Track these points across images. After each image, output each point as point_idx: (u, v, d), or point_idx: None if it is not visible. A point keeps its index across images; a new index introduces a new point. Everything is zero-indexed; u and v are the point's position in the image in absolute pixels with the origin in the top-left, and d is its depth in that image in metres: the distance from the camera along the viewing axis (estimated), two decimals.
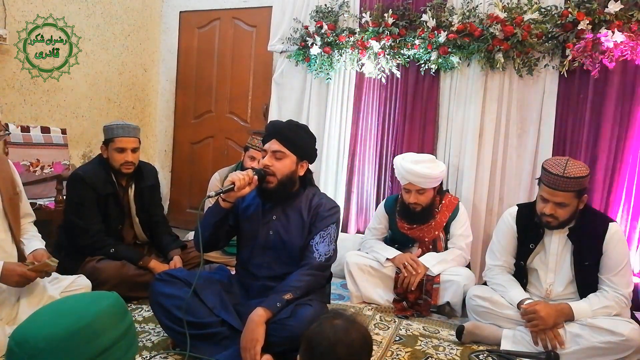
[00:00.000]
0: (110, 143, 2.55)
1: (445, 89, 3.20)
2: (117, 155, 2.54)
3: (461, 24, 2.97)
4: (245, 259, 2.07)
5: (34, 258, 1.96)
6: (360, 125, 3.46)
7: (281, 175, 1.97)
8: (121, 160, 2.54)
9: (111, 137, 2.54)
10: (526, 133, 3.01)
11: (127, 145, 2.55)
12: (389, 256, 2.69)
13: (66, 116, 3.75)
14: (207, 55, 4.33)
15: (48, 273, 1.94)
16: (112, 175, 2.59)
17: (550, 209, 2.12)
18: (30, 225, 2.17)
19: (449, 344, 2.23)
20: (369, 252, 2.80)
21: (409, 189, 2.70)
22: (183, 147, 4.51)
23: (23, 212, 2.14)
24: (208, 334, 1.86)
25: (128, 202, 2.69)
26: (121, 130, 2.54)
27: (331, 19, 3.38)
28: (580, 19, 2.68)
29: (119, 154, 2.54)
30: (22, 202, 2.13)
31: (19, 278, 1.81)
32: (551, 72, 2.89)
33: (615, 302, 2.06)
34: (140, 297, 2.48)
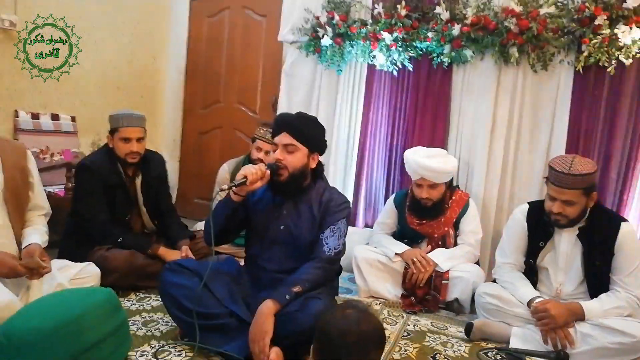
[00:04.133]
0: (115, 133, 2.55)
1: (457, 83, 3.15)
2: (123, 145, 2.54)
3: (475, 16, 2.92)
4: (255, 253, 2.07)
5: (26, 253, 1.93)
6: (370, 119, 3.42)
7: (293, 168, 1.96)
8: (126, 150, 2.54)
9: (116, 126, 2.54)
10: (539, 129, 2.97)
11: (132, 135, 2.54)
12: (398, 251, 2.68)
13: (75, 104, 3.73)
14: (217, 44, 4.29)
15: (40, 274, 1.87)
16: (118, 165, 2.58)
17: (558, 207, 2.10)
18: (38, 218, 2.15)
19: (457, 341, 2.22)
20: (378, 246, 2.78)
21: (421, 184, 2.68)
22: (191, 137, 4.49)
23: (33, 203, 2.12)
24: (217, 325, 1.86)
25: (135, 191, 2.68)
26: (126, 121, 2.54)
27: (343, 9, 3.34)
28: (597, 14, 2.63)
29: (124, 143, 2.54)
30: (33, 192, 2.11)
31: (8, 270, 1.79)
32: (566, 67, 2.84)
33: (628, 303, 2.04)
34: (149, 287, 2.49)
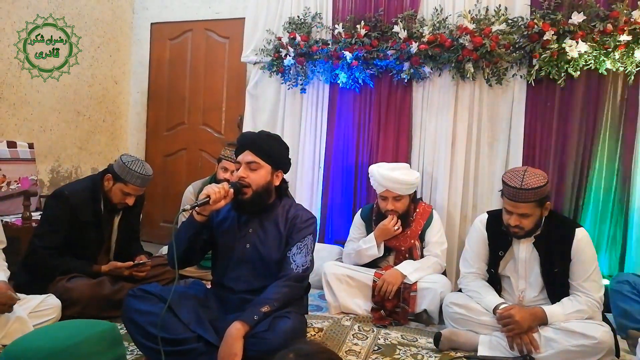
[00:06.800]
0: (120, 182, 2.46)
1: (417, 99, 3.24)
2: (121, 196, 2.49)
3: (432, 35, 3.02)
4: (221, 273, 2.04)
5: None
6: (335, 136, 3.47)
7: (257, 186, 1.95)
8: (122, 201, 2.49)
9: (125, 179, 2.45)
10: (497, 141, 3.08)
11: (137, 193, 2.51)
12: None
13: (33, 130, 3.64)
14: (180, 66, 4.29)
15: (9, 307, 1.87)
16: (100, 203, 2.50)
17: (515, 221, 2.15)
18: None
19: (427, 352, 2.24)
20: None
21: (386, 196, 2.72)
22: (156, 160, 4.43)
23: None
24: (184, 350, 1.81)
25: (111, 229, 2.61)
26: (140, 181, 2.47)
27: (304, 30, 3.40)
28: (545, 30, 2.77)
29: (123, 195, 2.48)
30: None
31: None
32: (519, 81, 2.97)
33: (588, 307, 2.10)
34: (113, 317, 2.40)
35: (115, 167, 2.48)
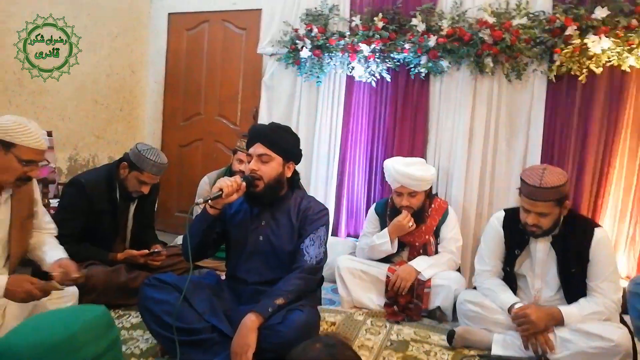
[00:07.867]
0: (136, 170, 2.48)
1: (435, 93, 3.21)
2: (136, 184, 2.50)
3: (450, 28, 2.98)
4: (235, 265, 2.05)
5: (61, 266, 1.88)
6: (350, 129, 3.45)
7: (269, 178, 1.96)
8: (138, 189, 2.51)
9: (141, 167, 2.47)
10: (515, 137, 3.03)
11: (152, 181, 2.52)
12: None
13: (52, 118, 3.69)
14: (196, 57, 4.29)
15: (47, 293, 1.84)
16: (116, 192, 2.53)
17: (533, 219, 2.11)
18: (50, 237, 2.09)
19: (440, 349, 2.23)
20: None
21: (401, 192, 2.70)
22: (171, 150, 4.45)
23: (39, 227, 2.07)
24: (198, 340, 1.84)
25: (126, 218, 2.63)
26: (155, 169, 2.49)
27: (321, 22, 3.38)
28: (567, 25, 2.71)
29: (139, 184, 2.50)
30: (37, 219, 2.06)
31: (25, 295, 1.73)
32: (539, 76, 2.91)
33: (606, 308, 2.06)
34: (129, 304, 2.44)
35: (131, 155, 2.50)
